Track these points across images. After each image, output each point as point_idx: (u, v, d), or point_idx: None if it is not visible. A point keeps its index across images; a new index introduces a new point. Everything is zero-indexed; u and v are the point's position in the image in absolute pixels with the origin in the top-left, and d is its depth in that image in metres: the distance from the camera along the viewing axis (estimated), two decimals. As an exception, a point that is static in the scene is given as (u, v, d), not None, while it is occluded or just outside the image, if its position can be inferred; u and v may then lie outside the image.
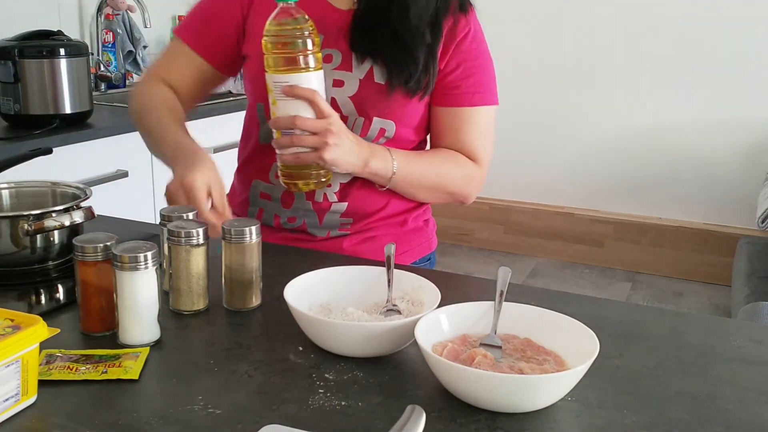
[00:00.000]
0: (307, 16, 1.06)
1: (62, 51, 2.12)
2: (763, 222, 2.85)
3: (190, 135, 1.19)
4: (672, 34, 3.44)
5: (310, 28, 1.06)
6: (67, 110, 2.16)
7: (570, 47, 3.63)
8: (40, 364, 0.75)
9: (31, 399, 0.71)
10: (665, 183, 3.60)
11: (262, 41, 1.06)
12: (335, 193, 1.21)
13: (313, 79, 1.07)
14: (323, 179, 1.12)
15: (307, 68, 1.06)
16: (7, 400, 0.68)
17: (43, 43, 2.12)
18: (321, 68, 1.09)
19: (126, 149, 2.29)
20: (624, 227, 3.66)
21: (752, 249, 2.93)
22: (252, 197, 1.28)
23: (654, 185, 3.62)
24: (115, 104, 2.63)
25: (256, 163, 1.27)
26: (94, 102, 2.31)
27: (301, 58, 1.06)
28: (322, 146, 1.07)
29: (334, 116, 1.08)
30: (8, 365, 0.67)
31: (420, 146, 1.28)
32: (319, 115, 1.07)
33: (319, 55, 1.08)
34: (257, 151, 1.26)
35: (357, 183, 1.21)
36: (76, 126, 2.17)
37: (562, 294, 1.05)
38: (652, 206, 3.64)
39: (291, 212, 1.23)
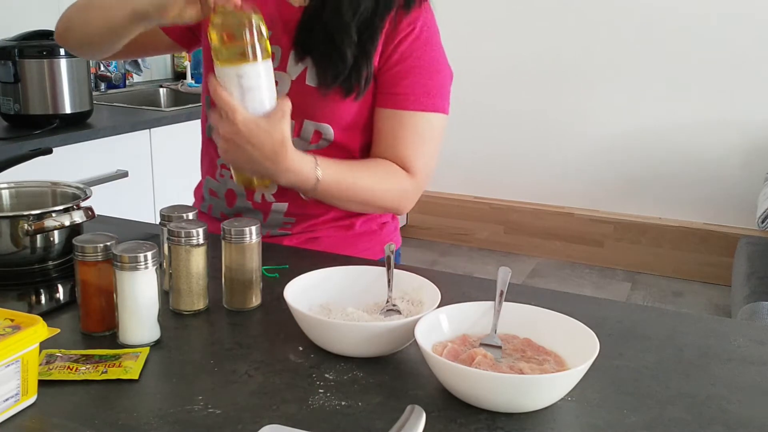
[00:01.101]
0: (255, 7, 1.00)
1: (62, 51, 2.12)
2: (763, 222, 2.85)
3: None
4: (672, 35, 3.43)
5: (258, 18, 0.99)
6: (67, 110, 2.16)
7: (569, 47, 3.63)
8: (40, 364, 0.75)
9: (31, 399, 0.71)
10: (665, 183, 3.60)
11: (208, 31, 0.99)
12: (272, 194, 1.20)
13: (262, 70, 1.00)
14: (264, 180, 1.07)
15: (254, 59, 0.98)
16: (7, 399, 0.68)
17: (43, 43, 2.12)
18: (269, 58, 1.00)
19: (126, 149, 2.29)
20: (624, 227, 3.66)
21: (752, 249, 2.93)
22: (205, 192, 1.27)
23: (654, 185, 3.62)
24: (115, 104, 2.64)
25: (207, 159, 1.26)
26: (94, 102, 2.31)
27: (248, 49, 0.98)
28: (221, 149, 1.01)
29: (240, 121, 0.97)
30: (8, 365, 0.67)
31: (363, 152, 1.23)
32: (226, 116, 0.98)
33: (268, 45, 1.01)
34: (206, 145, 1.26)
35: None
36: (76, 126, 2.17)
37: (562, 294, 1.05)
38: (652, 206, 3.64)
39: (235, 210, 1.22)
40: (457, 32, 3.84)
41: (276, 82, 1.07)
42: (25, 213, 1.00)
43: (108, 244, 0.84)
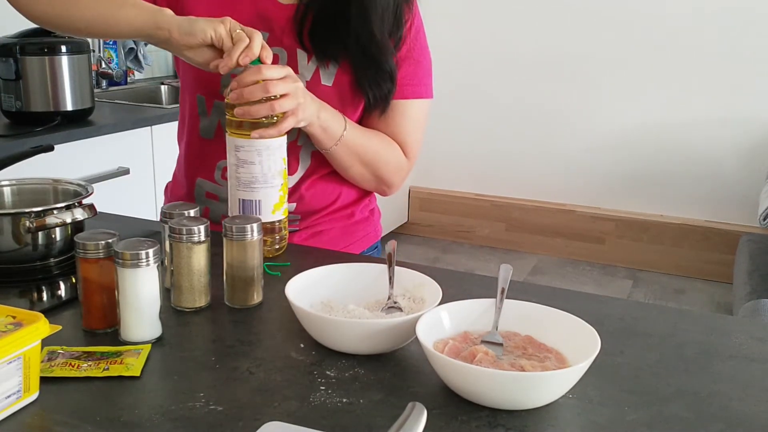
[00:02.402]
0: None
1: (63, 48, 2.12)
2: (764, 219, 2.85)
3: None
4: (674, 33, 3.43)
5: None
6: (69, 107, 2.16)
7: (572, 45, 3.63)
8: (41, 361, 0.75)
9: (33, 396, 0.71)
10: (667, 180, 3.60)
11: (226, 100, 1.02)
12: None
13: (283, 144, 1.04)
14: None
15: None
16: (9, 396, 0.68)
17: (44, 40, 2.12)
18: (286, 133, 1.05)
19: (127, 146, 2.29)
20: (625, 224, 3.66)
21: (754, 246, 2.92)
22: (197, 195, 1.24)
23: (656, 182, 3.62)
24: (116, 101, 2.64)
25: (200, 160, 1.23)
26: (96, 99, 2.31)
27: (270, 123, 1.02)
28: (298, 101, 1.03)
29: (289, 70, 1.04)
30: (10, 362, 0.67)
31: None
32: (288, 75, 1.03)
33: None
34: (199, 146, 1.23)
35: (304, 184, 1.20)
36: (77, 123, 2.17)
37: (564, 291, 1.05)
38: (654, 203, 3.64)
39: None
40: (458, 28, 3.84)
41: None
42: (27, 210, 1.00)
43: (109, 241, 0.84)
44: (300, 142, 1.19)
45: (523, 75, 3.75)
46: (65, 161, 2.01)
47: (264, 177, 1.04)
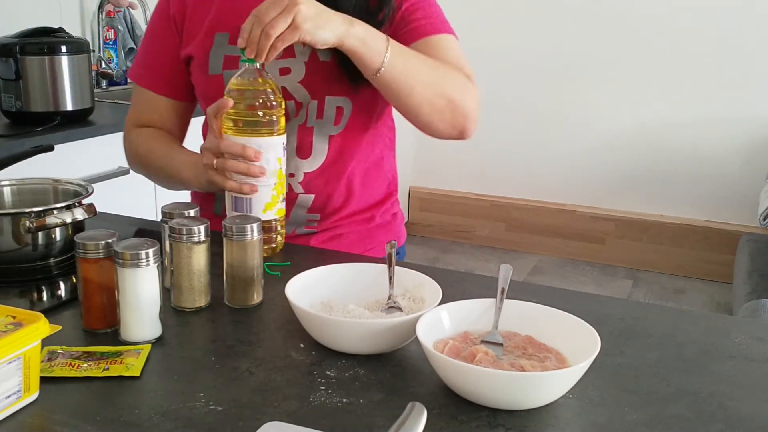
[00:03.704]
0: (270, 77, 1.03)
1: (63, 48, 2.12)
2: (764, 219, 2.85)
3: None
4: (674, 32, 3.43)
5: (276, 89, 1.03)
6: (69, 107, 2.16)
7: (571, 44, 3.63)
8: (42, 361, 0.75)
9: (33, 396, 0.71)
10: (667, 180, 3.60)
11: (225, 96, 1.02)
12: (299, 183, 1.20)
13: (279, 144, 1.04)
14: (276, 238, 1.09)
15: (271, 132, 1.02)
16: (9, 396, 0.68)
17: (44, 40, 2.12)
18: (284, 133, 1.05)
19: (127, 146, 2.28)
20: (625, 224, 3.66)
21: (754, 246, 2.92)
22: (217, 194, 1.25)
23: (655, 182, 3.62)
24: (116, 101, 2.63)
25: None
26: (96, 99, 2.31)
27: (266, 121, 1.02)
28: (293, 14, 0.95)
29: None
30: (10, 362, 0.67)
31: (379, 131, 1.26)
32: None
33: (283, 118, 1.04)
34: None
35: (321, 174, 1.20)
36: (77, 123, 2.17)
37: (564, 291, 1.05)
38: (654, 203, 3.64)
39: None
40: (459, 28, 3.83)
41: (288, 70, 1.13)
42: (27, 210, 1.00)
43: (109, 241, 0.84)
44: (310, 123, 1.18)
45: (522, 75, 3.75)
46: (65, 161, 2.01)
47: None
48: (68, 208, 1.03)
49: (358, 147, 1.23)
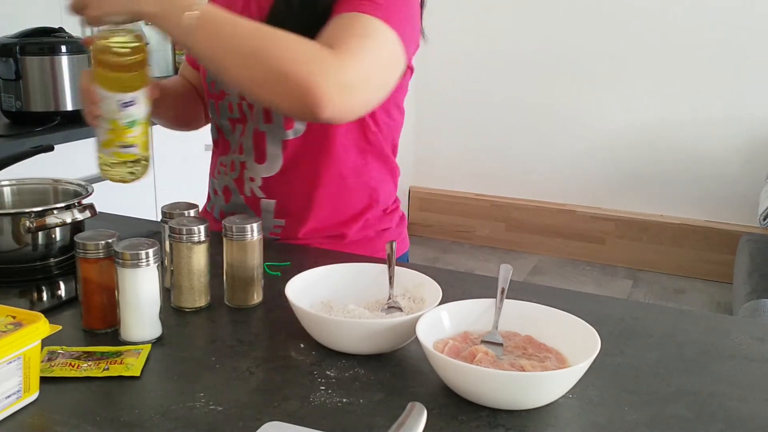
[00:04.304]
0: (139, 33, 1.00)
1: (63, 48, 2.12)
2: (764, 219, 2.85)
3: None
4: (674, 31, 3.43)
5: (142, 44, 0.98)
6: (69, 107, 2.16)
7: (572, 44, 3.63)
8: (42, 361, 0.75)
9: (33, 396, 0.71)
10: (667, 180, 3.60)
11: (92, 53, 0.97)
12: (259, 188, 1.18)
13: (111, 98, 1.00)
14: (131, 163, 1.07)
15: (107, 87, 0.99)
16: (9, 396, 0.68)
17: (44, 40, 2.12)
18: (125, 91, 0.99)
19: (127, 146, 2.28)
20: (625, 224, 3.66)
21: (754, 246, 2.92)
22: (210, 192, 1.29)
23: (655, 182, 3.62)
24: (116, 101, 2.63)
25: (213, 158, 1.28)
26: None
27: (134, 74, 0.98)
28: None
29: None
30: (10, 362, 0.67)
31: (355, 136, 1.16)
32: None
33: (127, 74, 0.99)
34: (214, 145, 1.28)
35: (280, 179, 1.16)
36: (77, 123, 2.17)
37: (564, 291, 1.05)
38: (654, 203, 3.64)
39: (231, 207, 1.21)
40: (459, 28, 3.84)
41: None
42: (27, 210, 1.00)
43: (109, 241, 0.84)
44: (261, 128, 1.15)
45: (522, 75, 3.75)
46: (65, 161, 2.01)
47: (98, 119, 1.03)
48: (68, 208, 1.03)
49: (321, 153, 1.14)
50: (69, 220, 1.01)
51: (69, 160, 2.05)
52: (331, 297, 0.90)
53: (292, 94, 0.90)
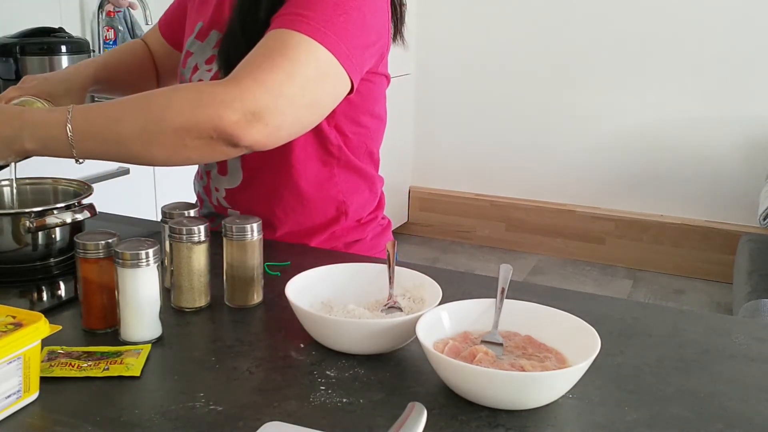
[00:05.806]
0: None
1: (63, 48, 2.12)
2: (764, 219, 2.85)
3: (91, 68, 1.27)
4: (674, 32, 3.43)
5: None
6: (69, 107, 2.16)
7: (571, 44, 3.63)
8: (41, 361, 0.75)
9: (33, 396, 0.71)
10: (667, 180, 3.60)
11: None
12: (224, 198, 1.19)
13: None
14: None
15: None
16: (9, 396, 0.68)
17: (44, 40, 2.12)
18: None
19: (127, 146, 2.28)
20: (625, 224, 3.66)
21: (754, 246, 2.92)
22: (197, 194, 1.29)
23: (655, 182, 3.62)
24: (116, 101, 2.63)
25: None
26: (96, 99, 2.31)
27: None
28: None
29: None
30: (10, 362, 0.67)
31: (316, 148, 1.13)
32: None
33: None
34: None
35: (243, 191, 1.16)
36: (77, 123, 2.17)
37: (564, 291, 1.05)
38: (654, 203, 3.64)
39: (204, 213, 1.22)
40: (458, 28, 3.84)
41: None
42: (27, 210, 1.00)
43: (109, 241, 0.84)
44: None
45: (522, 75, 3.75)
46: (65, 161, 2.01)
47: None
48: (68, 208, 1.03)
49: (280, 166, 1.12)
50: (69, 220, 1.01)
51: (69, 160, 2.05)
52: (331, 297, 0.90)
53: (203, 139, 0.89)
